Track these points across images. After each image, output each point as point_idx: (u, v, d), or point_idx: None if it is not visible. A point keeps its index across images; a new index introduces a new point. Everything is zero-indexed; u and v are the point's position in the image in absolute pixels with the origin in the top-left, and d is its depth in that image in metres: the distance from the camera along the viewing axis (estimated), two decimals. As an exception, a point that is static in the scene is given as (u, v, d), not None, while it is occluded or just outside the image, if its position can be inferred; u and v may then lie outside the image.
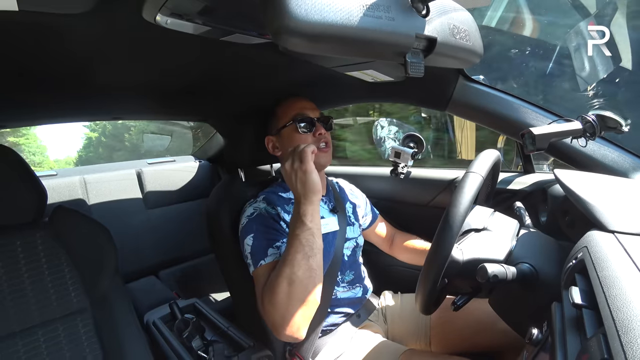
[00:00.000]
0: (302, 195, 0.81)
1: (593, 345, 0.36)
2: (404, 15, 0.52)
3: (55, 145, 52.64)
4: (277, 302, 0.77)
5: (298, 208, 0.82)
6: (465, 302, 0.74)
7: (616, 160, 0.86)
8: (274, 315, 0.78)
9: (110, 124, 18.53)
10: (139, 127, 14.81)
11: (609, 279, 0.42)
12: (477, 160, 0.72)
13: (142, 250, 1.86)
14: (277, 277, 0.78)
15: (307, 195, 0.81)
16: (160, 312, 1.23)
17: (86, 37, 0.68)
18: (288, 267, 0.78)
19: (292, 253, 0.79)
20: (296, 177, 0.82)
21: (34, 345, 0.82)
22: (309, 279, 0.79)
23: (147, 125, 10.69)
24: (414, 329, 1.08)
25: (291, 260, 0.78)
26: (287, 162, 0.85)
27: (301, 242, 0.79)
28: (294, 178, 0.83)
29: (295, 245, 0.79)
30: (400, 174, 1.16)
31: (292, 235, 0.81)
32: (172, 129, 3.16)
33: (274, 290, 0.78)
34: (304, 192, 0.81)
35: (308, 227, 0.80)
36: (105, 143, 20.10)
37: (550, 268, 0.65)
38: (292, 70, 1.07)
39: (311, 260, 0.79)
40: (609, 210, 0.58)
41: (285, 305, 0.77)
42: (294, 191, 0.84)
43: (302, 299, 0.78)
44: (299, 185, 0.82)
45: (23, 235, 0.86)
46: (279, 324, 0.78)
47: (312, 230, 0.81)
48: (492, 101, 0.99)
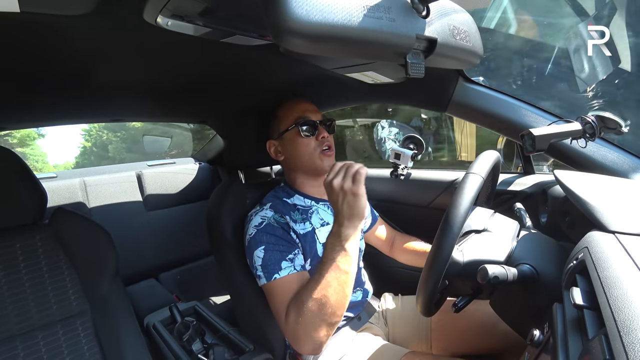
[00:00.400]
0: (346, 218, 0.77)
1: (595, 346, 0.36)
2: (404, 16, 0.52)
3: (54, 153, 53.99)
4: (304, 322, 0.77)
5: (339, 230, 0.78)
6: (465, 303, 0.74)
7: (616, 160, 0.86)
8: (298, 332, 0.78)
9: (100, 135, 19.86)
10: (123, 136, 16.01)
11: (610, 279, 0.42)
12: (477, 162, 0.72)
13: (142, 253, 1.86)
14: (308, 298, 0.77)
15: (352, 219, 0.77)
16: (161, 315, 1.23)
17: (87, 38, 0.68)
18: (321, 290, 0.76)
19: (327, 277, 0.76)
20: (344, 198, 0.77)
21: (34, 349, 0.81)
22: (340, 303, 0.78)
23: (126, 137, 11.11)
24: (415, 331, 1.08)
25: (325, 285, 0.76)
26: (335, 179, 0.78)
27: (338, 268, 0.77)
28: (341, 198, 0.77)
29: (332, 270, 0.77)
30: (400, 176, 1.16)
31: (329, 258, 0.78)
32: (169, 130, 3.15)
33: (303, 309, 0.77)
34: (349, 215, 0.77)
35: (348, 253, 0.77)
36: (95, 152, 21.62)
37: (551, 269, 0.65)
38: (292, 72, 1.07)
39: (346, 289, 0.78)
40: (609, 210, 0.58)
41: (312, 325, 0.77)
42: (336, 210, 0.79)
43: (330, 321, 0.77)
44: (345, 207, 0.76)
45: (23, 237, 0.86)
46: (302, 340, 0.79)
47: (351, 257, 0.78)
48: (492, 102, 0.99)
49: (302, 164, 1.03)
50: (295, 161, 1.04)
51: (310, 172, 1.04)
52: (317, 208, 1.04)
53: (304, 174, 1.05)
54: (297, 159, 1.03)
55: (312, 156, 1.00)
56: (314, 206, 1.05)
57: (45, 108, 1.16)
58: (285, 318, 0.81)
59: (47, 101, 1.08)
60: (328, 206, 1.08)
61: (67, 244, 0.90)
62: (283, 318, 0.82)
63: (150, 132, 4.03)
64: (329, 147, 1.02)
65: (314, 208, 1.04)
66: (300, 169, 1.05)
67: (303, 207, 1.03)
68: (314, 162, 1.01)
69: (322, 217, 1.03)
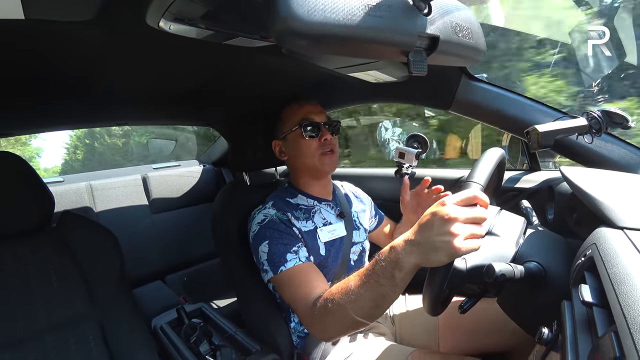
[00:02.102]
0: (422, 255, 0.58)
1: (605, 344, 0.36)
2: (406, 14, 0.52)
3: (44, 158, 55.33)
4: (324, 324, 0.76)
5: (405, 258, 0.60)
6: (472, 304, 0.73)
7: (623, 156, 0.85)
8: (315, 327, 0.80)
9: (83, 144, 19.91)
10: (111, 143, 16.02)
11: (619, 275, 0.41)
12: (477, 169, 0.69)
13: (148, 255, 1.86)
14: (335, 308, 0.71)
15: (424, 261, 0.59)
16: (168, 317, 1.24)
17: (90, 43, 0.68)
18: (351, 306, 0.68)
19: (363, 297, 0.67)
20: (436, 243, 0.56)
21: (43, 353, 0.82)
22: (361, 322, 0.71)
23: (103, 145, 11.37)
24: (422, 330, 1.07)
25: (357, 302, 0.67)
26: (441, 226, 0.55)
27: (380, 293, 0.65)
28: (437, 241, 0.55)
29: (372, 290, 0.65)
30: (405, 175, 1.16)
31: (374, 281, 0.65)
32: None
33: (325, 315, 0.74)
34: (430, 255, 0.57)
35: (398, 284, 0.63)
36: (77, 158, 21.72)
37: (559, 266, 0.64)
38: (295, 73, 1.07)
39: (377, 311, 0.68)
40: (617, 206, 0.57)
41: (332, 328, 0.76)
42: (421, 237, 0.59)
43: (348, 328, 0.76)
44: (431, 249, 0.57)
45: (30, 241, 0.87)
46: (319, 333, 0.80)
47: (398, 287, 0.63)
48: (496, 99, 0.99)
49: (304, 165, 1.03)
50: (297, 162, 1.05)
51: (312, 173, 1.05)
52: (319, 208, 1.05)
53: (307, 175, 1.06)
54: (300, 160, 1.04)
55: (314, 157, 1.01)
56: (317, 206, 1.05)
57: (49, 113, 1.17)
58: (302, 312, 0.82)
59: (51, 106, 1.09)
60: (331, 206, 1.08)
61: (75, 247, 0.91)
62: (301, 308, 0.82)
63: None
64: (331, 149, 1.02)
65: (317, 208, 1.05)
66: (303, 169, 1.05)
67: (306, 207, 1.03)
68: (315, 164, 1.01)
69: (325, 217, 1.04)
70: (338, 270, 1.01)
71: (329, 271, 0.99)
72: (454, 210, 0.55)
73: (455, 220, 0.54)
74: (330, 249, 1.00)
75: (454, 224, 0.54)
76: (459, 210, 0.55)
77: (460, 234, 0.54)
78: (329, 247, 1.00)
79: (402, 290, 0.65)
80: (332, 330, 0.77)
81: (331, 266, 1.00)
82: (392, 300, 0.67)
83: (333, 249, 1.00)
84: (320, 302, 0.77)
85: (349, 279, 0.71)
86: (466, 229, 0.54)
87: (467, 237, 0.54)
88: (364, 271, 0.68)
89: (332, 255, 1.00)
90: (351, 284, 0.69)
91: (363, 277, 0.67)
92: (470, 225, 0.55)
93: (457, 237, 0.54)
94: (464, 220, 0.55)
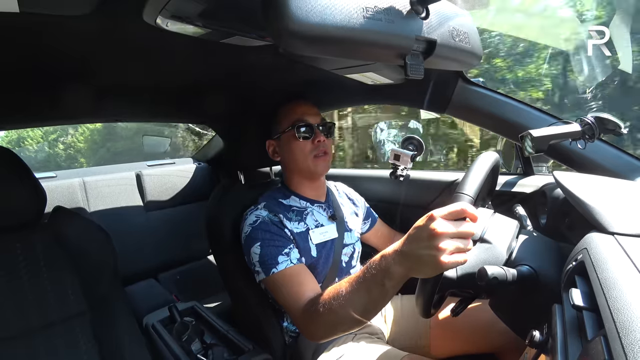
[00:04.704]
0: (410, 267, 0.59)
1: (594, 348, 0.36)
2: (403, 18, 0.53)
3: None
4: (315, 326, 0.78)
5: (394, 268, 0.60)
6: (463, 308, 0.74)
7: (615, 162, 0.86)
8: (306, 329, 0.81)
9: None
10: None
11: (609, 280, 0.42)
12: (468, 178, 0.69)
13: (141, 253, 1.85)
14: (326, 311, 0.72)
15: (412, 272, 0.60)
16: (160, 315, 1.23)
17: (86, 38, 0.68)
18: (342, 310, 0.69)
19: (353, 302, 0.68)
20: (423, 257, 0.56)
21: (33, 349, 0.81)
22: (351, 326, 0.73)
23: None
24: (414, 330, 1.08)
25: (347, 307, 0.68)
26: (428, 240, 0.55)
27: (370, 299, 0.66)
28: (424, 255, 0.56)
29: (362, 296, 0.66)
30: (399, 176, 1.16)
31: (364, 287, 0.66)
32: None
33: (316, 318, 0.75)
34: (417, 268, 0.58)
35: (388, 291, 0.63)
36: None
37: (550, 270, 0.65)
38: (292, 73, 1.07)
39: (367, 316, 0.69)
40: (609, 212, 0.58)
41: (322, 330, 0.78)
42: (410, 248, 0.59)
43: (338, 331, 0.78)
44: (418, 262, 0.58)
45: (22, 237, 0.86)
46: (310, 335, 0.82)
47: (389, 294, 0.64)
48: (491, 103, 0.99)
49: (297, 166, 1.03)
50: (290, 163, 1.05)
51: (305, 175, 1.05)
52: (312, 210, 1.05)
53: (300, 176, 1.06)
54: (293, 161, 1.04)
55: (307, 159, 1.01)
56: (309, 207, 1.05)
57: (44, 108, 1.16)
58: (298, 313, 0.82)
59: (46, 101, 1.08)
60: (323, 208, 1.08)
61: (67, 243, 0.90)
62: (293, 309, 0.83)
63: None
64: (324, 152, 1.02)
65: (309, 209, 1.05)
66: (295, 170, 1.05)
67: (298, 208, 1.03)
68: (307, 165, 1.01)
69: (317, 219, 1.04)
70: (329, 271, 1.01)
71: (320, 272, 0.99)
72: (442, 225, 0.55)
73: (442, 235, 0.54)
74: (321, 251, 1.00)
75: (441, 239, 0.54)
76: (446, 225, 0.55)
77: (446, 248, 0.53)
78: (320, 249, 1.00)
79: (392, 297, 0.65)
80: (323, 332, 0.78)
81: (322, 267, 1.00)
82: (382, 306, 0.68)
83: (324, 250, 1.00)
84: (312, 304, 0.78)
85: (341, 284, 0.72)
86: (453, 244, 0.54)
87: (453, 252, 0.54)
88: (355, 277, 0.68)
89: (323, 257, 1.00)
90: (342, 289, 0.70)
91: (354, 284, 0.68)
92: (457, 240, 0.55)
93: (443, 253, 0.53)
94: (451, 235, 0.54)
